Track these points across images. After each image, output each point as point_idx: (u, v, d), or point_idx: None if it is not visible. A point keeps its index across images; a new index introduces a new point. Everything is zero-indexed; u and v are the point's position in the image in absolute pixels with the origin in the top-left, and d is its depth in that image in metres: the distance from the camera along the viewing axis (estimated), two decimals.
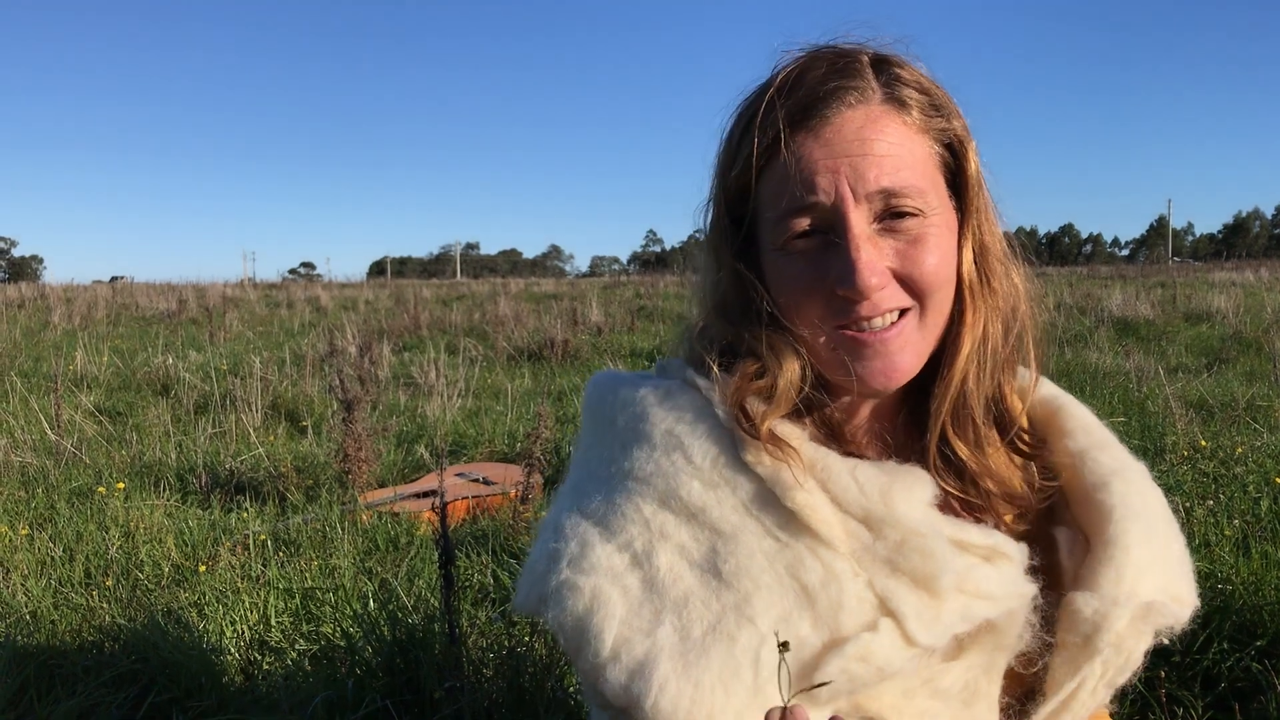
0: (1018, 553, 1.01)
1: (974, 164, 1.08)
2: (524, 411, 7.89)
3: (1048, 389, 1.24)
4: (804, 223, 0.99)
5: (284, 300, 28.33)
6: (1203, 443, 5.09)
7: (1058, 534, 1.11)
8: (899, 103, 1.02)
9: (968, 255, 1.06)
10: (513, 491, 4.97)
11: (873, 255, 0.97)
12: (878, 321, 0.99)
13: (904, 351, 1.01)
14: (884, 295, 0.99)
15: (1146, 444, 5.71)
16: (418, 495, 5.33)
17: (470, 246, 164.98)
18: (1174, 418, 6.18)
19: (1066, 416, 1.19)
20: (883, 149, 0.98)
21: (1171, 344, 12.58)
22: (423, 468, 6.31)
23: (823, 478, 0.97)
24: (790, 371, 1.01)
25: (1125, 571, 1.03)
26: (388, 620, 3.00)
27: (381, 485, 5.83)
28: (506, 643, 2.82)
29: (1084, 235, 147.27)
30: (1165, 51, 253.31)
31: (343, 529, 4.59)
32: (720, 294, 1.08)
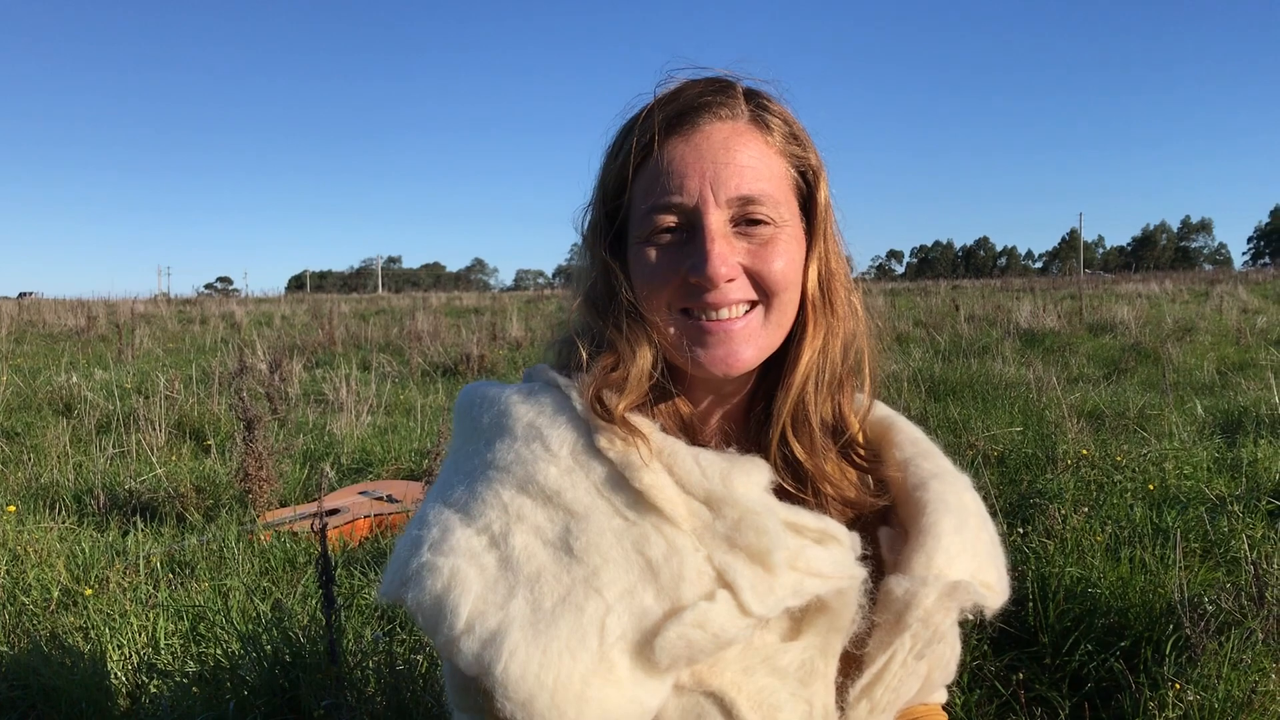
0: (848, 538, 1.09)
1: (824, 194, 1.18)
2: (434, 428, 7.86)
3: (882, 410, 1.35)
4: (668, 219, 1.08)
5: (198, 316, 27.77)
6: (1084, 451, 5.27)
7: (880, 533, 1.19)
8: (764, 125, 1.13)
9: (813, 274, 1.15)
10: (415, 509, 4.95)
11: (725, 250, 1.06)
12: (725, 312, 1.08)
13: (747, 343, 1.09)
14: (732, 287, 1.07)
15: (1039, 453, 5.89)
16: (323, 513, 5.27)
17: (392, 260, 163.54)
18: (1065, 427, 6.37)
19: (896, 432, 1.30)
20: (744, 160, 1.09)
21: (1074, 355, 12.94)
22: (329, 486, 6.25)
23: (669, 462, 1.04)
24: (643, 360, 1.09)
25: (935, 556, 1.12)
26: (271, 640, 2.98)
27: (284, 504, 5.77)
28: (388, 660, 2.82)
29: (999, 248, 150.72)
30: (1077, 66, 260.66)
31: (239, 549, 4.54)
32: (590, 285, 1.16)
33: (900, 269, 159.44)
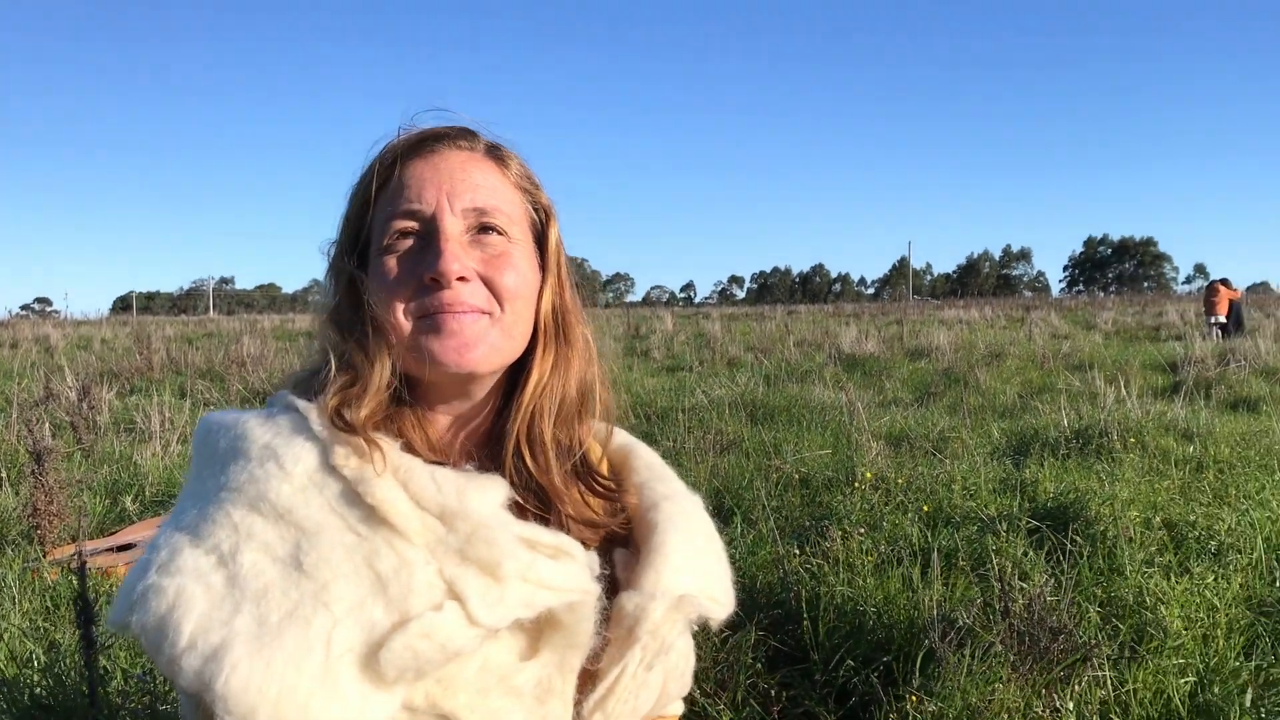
0: (583, 554, 1.13)
1: (556, 232, 1.26)
2: None
3: (623, 437, 1.42)
4: (407, 225, 1.13)
5: (8, 340, 26.23)
6: (868, 475, 5.52)
7: (616, 554, 1.24)
8: (501, 160, 1.22)
9: (547, 303, 1.22)
10: None
11: (459, 251, 1.12)
12: (460, 314, 1.12)
13: (480, 342, 1.13)
14: (467, 289, 1.12)
15: (840, 475, 6.15)
16: (114, 549, 5.09)
17: (225, 281, 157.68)
18: (865, 450, 6.66)
19: (635, 457, 1.37)
20: (480, 179, 1.16)
21: (890, 379, 13.50)
22: (126, 519, 6.03)
23: (405, 478, 1.06)
24: (381, 369, 1.12)
25: (663, 572, 1.18)
26: (43, 683, 2.88)
27: (76, 539, 5.53)
28: (149, 702, 2.76)
29: (834, 274, 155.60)
30: (904, 96, 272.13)
31: (18, 588, 4.35)
32: (335, 304, 1.18)
33: (741, 294, 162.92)
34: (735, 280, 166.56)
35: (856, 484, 5.44)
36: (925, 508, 4.77)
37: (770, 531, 4.31)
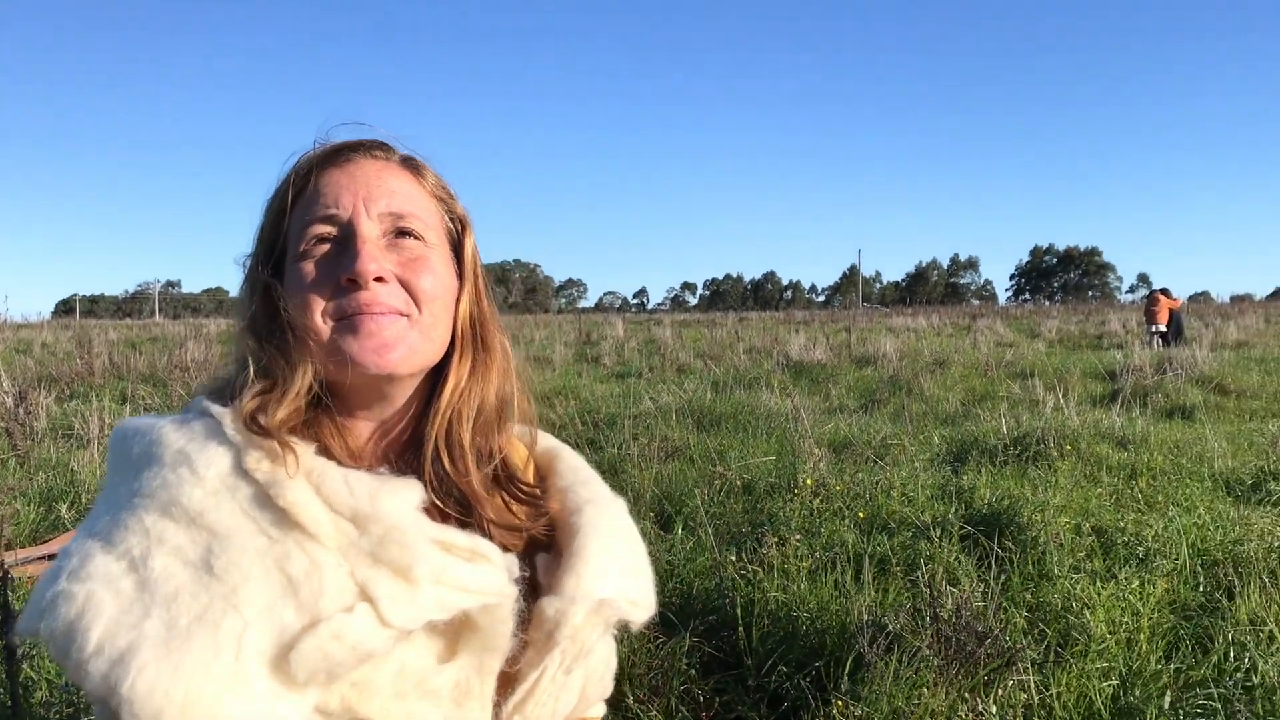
0: (500, 558, 1.13)
1: (472, 243, 1.27)
2: None
3: (549, 441, 1.43)
4: (324, 230, 1.14)
5: None
6: (808, 482, 5.59)
7: (537, 558, 1.25)
8: (416, 170, 1.23)
9: (464, 310, 1.23)
10: None
11: (376, 252, 1.13)
12: (378, 315, 1.12)
13: (399, 343, 1.13)
14: (384, 290, 1.12)
15: (782, 482, 6.20)
16: (45, 557, 5.01)
17: (171, 284, 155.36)
18: (806, 457, 6.73)
19: (560, 461, 1.39)
20: (395, 186, 1.18)
21: (836, 386, 13.63)
22: (61, 527, 5.93)
23: (318, 482, 1.06)
24: (299, 376, 1.11)
25: (584, 576, 1.19)
26: None
27: (9, 548, 5.44)
28: (71, 711, 2.73)
29: (785, 282, 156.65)
30: (854, 105, 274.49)
31: None
32: (251, 313, 1.17)
33: (694, 300, 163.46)
34: (688, 287, 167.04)
35: (796, 491, 5.49)
36: (861, 514, 4.83)
37: (709, 538, 4.34)
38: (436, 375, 1.24)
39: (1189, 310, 39.74)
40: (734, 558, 4.06)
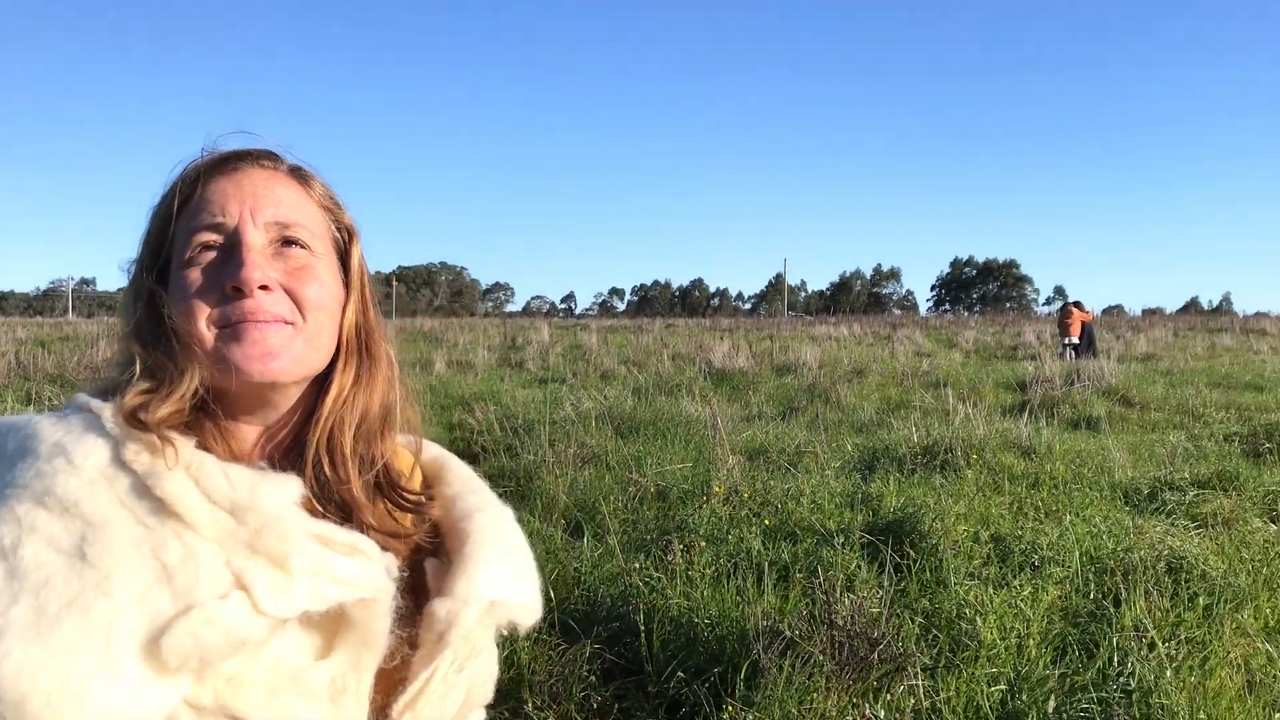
0: (378, 554, 1.15)
1: (359, 253, 1.30)
2: None
3: (436, 450, 1.46)
4: (210, 238, 1.14)
5: None
6: (718, 489, 5.66)
7: (427, 564, 1.27)
8: (304, 180, 1.25)
9: (349, 320, 1.25)
10: None
11: (261, 261, 1.13)
12: (263, 323, 1.13)
13: (283, 351, 1.14)
14: (269, 298, 1.13)
15: (695, 488, 6.26)
16: None
17: (86, 282, 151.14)
18: (719, 464, 6.80)
19: (448, 470, 1.41)
20: (281, 195, 1.19)
21: (756, 393, 13.78)
22: None
23: (197, 474, 1.06)
24: (185, 382, 1.12)
25: (476, 579, 1.21)
26: None
27: None
28: None
29: (713, 289, 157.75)
30: (780, 111, 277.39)
31: None
32: (136, 320, 1.18)
33: (622, 306, 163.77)
34: (616, 292, 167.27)
35: (707, 498, 5.56)
36: (767, 521, 4.91)
37: (616, 545, 4.38)
38: (322, 383, 1.25)
39: (1101, 323, 40.95)
40: (640, 565, 4.10)
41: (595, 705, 3.24)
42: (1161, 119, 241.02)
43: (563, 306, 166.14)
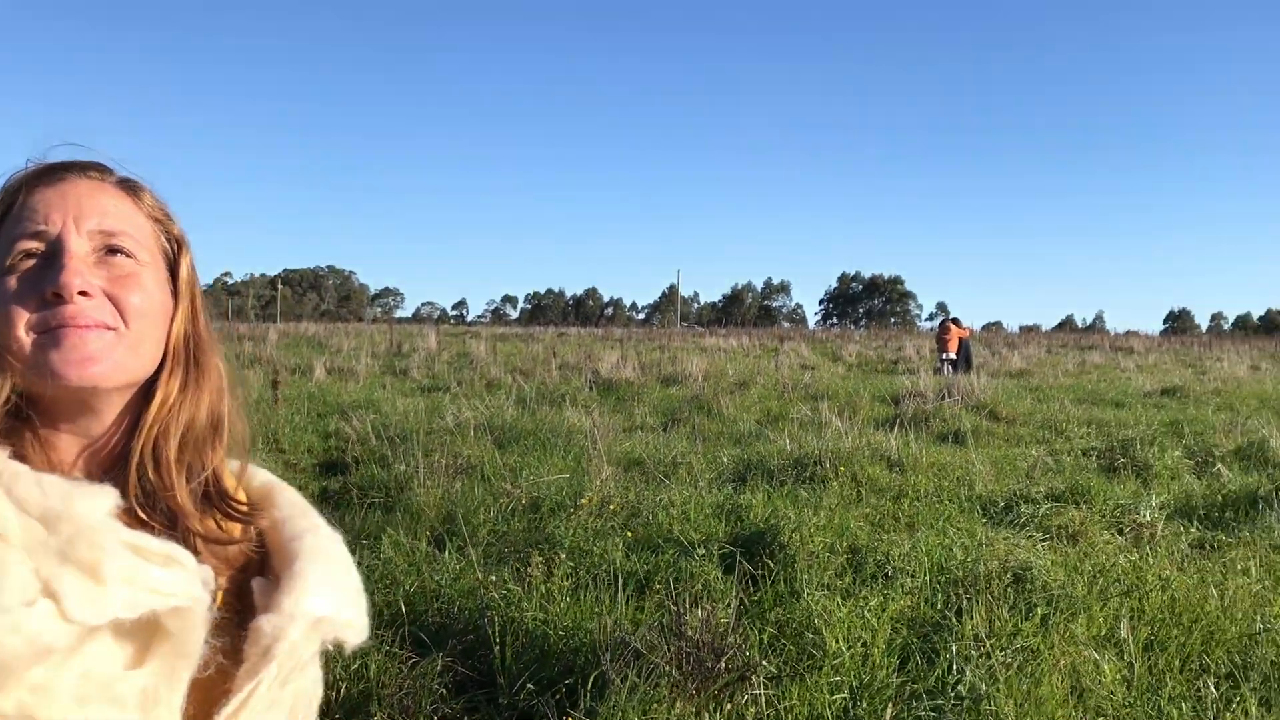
0: (194, 564, 1.14)
1: (188, 264, 1.29)
2: None
3: (265, 476, 1.46)
4: (31, 245, 1.13)
5: None
6: (586, 500, 5.71)
7: (254, 583, 1.28)
8: (133, 190, 1.24)
9: (177, 330, 1.25)
10: None
11: (83, 268, 1.13)
12: (81, 326, 1.12)
13: (104, 356, 1.13)
14: (91, 305, 1.12)
15: (567, 499, 6.29)
16: None
17: None
18: (595, 475, 6.86)
19: (279, 494, 1.42)
20: (108, 205, 1.19)
21: (641, 404, 13.88)
22: None
23: (9, 483, 1.05)
24: None
25: (302, 596, 1.22)
26: None
27: None
28: None
29: (606, 299, 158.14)
30: (681, 122, 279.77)
31: None
32: None
33: (515, 314, 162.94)
34: (509, 300, 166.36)
35: (574, 510, 5.60)
36: (630, 534, 4.97)
37: (475, 558, 4.39)
38: (148, 392, 1.26)
39: (980, 339, 42.29)
40: (500, 578, 4.12)
41: (443, 718, 3.25)
42: (1044, 140, 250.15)
43: (454, 313, 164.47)
